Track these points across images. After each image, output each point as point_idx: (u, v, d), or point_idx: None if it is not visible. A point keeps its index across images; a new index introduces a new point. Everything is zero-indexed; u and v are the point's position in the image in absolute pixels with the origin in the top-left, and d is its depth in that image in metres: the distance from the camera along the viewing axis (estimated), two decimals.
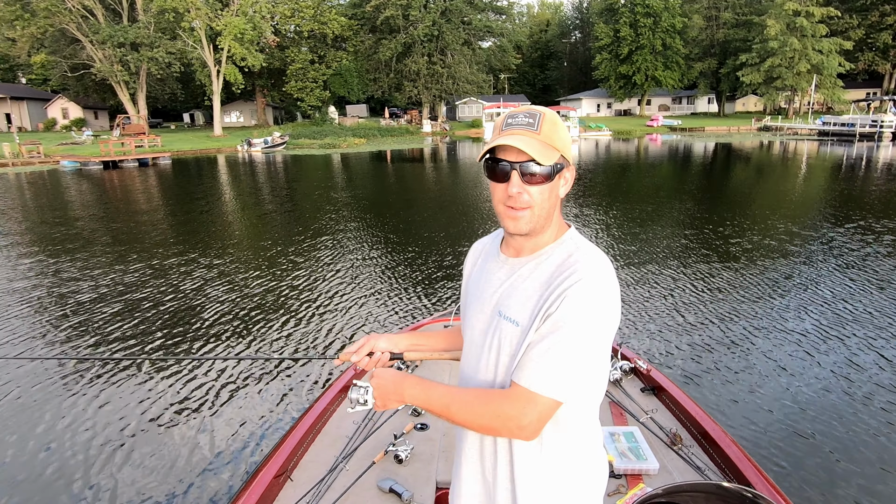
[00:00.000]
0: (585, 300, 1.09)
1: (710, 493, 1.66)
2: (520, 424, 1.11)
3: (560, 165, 1.17)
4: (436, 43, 52.45)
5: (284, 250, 9.80)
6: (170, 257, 9.35)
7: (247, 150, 38.75)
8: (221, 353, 5.52)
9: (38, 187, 21.45)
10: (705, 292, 6.94)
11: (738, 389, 4.52)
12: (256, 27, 43.26)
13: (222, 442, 4.01)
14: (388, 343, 1.48)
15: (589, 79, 69.81)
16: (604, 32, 56.97)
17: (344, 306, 6.81)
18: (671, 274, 7.74)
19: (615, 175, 21.17)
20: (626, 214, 12.45)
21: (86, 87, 51.32)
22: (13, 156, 31.00)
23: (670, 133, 49.49)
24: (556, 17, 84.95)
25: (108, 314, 6.64)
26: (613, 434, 2.59)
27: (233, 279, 8.02)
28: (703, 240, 9.70)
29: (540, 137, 1.15)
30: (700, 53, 57.20)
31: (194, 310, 6.76)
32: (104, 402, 4.61)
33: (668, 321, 6.02)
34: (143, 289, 7.63)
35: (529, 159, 1.13)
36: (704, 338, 5.56)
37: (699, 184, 18.23)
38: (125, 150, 32.41)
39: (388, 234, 10.99)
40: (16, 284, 8.01)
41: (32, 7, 40.31)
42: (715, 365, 4.97)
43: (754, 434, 3.90)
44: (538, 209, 1.17)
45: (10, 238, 11.46)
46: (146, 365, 5.25)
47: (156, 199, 17.84)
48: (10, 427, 4.26)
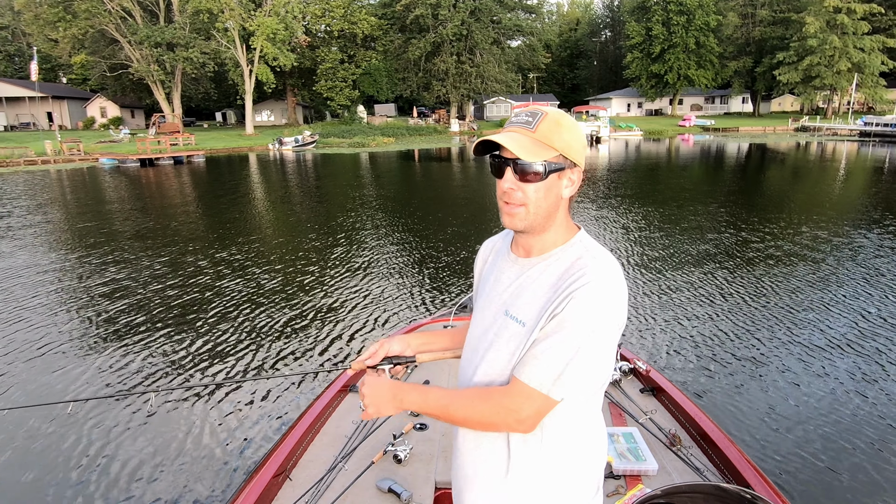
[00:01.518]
0: (592, 302, 1.09)
1: (708, 494, 1.65)
2: (518, 418, 1.13)
3: (558, 165, 1.17)
4: (465, 42, 52.39)
5: (307, 247, 9.95)
6: (200, 251, 9.56)
7: (278, 148, 39.31)
8: (232, 361, 5.39)
9: (80, 183, 22.12)
10: (721, 297, 6.82)
11: (740, 391, 4.52)
12: (288, 27, 43.81)
13: (221, 441, 4.02)
14: (401, 346, 1.48)
15: (619, 78, 68.89)
16: (635, 31, 56.12)
17: (359, 307, 6.83)
18: (689, 277, 7.62)
19: (642, 176, 20.84)
20: (650, 216, 12.23)
21: (123, 87, 52.75)
22: (55, 153, 32.04)
23: (703, 133, 48.52)
24: (587, 15, 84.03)
25: (126, 305, 6.82)
26: (612, 435, 2.59)
27: (252, 275, 8.17)
28: (727, 244, 9.47)
29: (534, 136, 1.15)
30: (735, 52, 55.85)
31: (206, 304, 6.91)
32: (102, 400, 4.63)
33: (681, 324, 5.96)
34: (164, 281, 7.81)
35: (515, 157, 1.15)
36: (711, 340, 5.54)
37: (729, 185, 17.82)
38: (161, 148, 33.18)
39: (410, 233, 11.07)
40: (46, 271, 8.29)
41: (74, 9, 41.54)
42: (719, 367, 4.96)
43: (753, 435, 3.90)
44: (533, 207, 1.17)
45: (57, 230, 11.86)
46: (147, 363, 5.31)
47: (192, 195, 18.24)
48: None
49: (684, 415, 2.78)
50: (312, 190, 19.15)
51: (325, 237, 10.86)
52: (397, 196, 16.85)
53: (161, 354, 5.51)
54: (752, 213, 12.44)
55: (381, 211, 13.90)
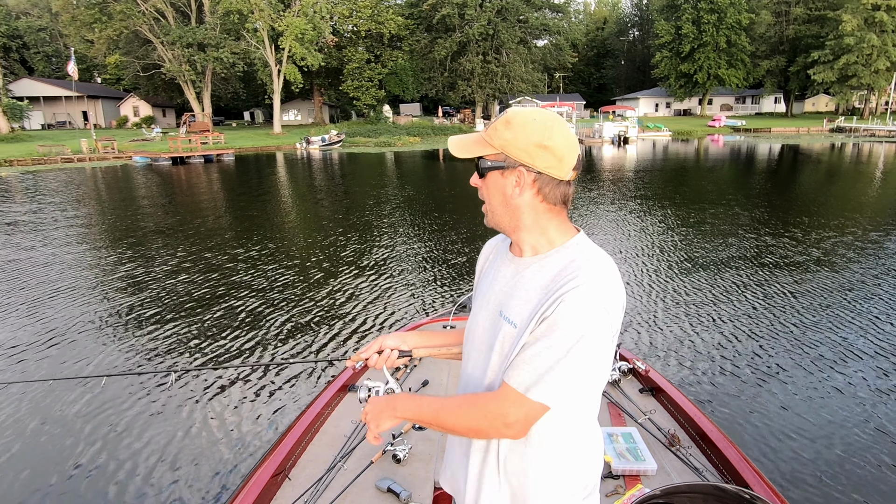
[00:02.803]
0: (581, 306, 1.07)
1: (707, 494, 1.64)
2: (506, 423, 1.12)
3: (496, 164, 1.16)
4: (491, 42, 52.26)
5: (324, 245, 10.07)
6: (224, 246, 9.72)
7: (305, 147, 39.75)
8: (236, 353, 5.50)
9: (115, 181, 22.68)
10: (738, 300, 6.69)
11: (746, 393, 4.50)
12: (316, 27, 44.24)
13: (220, 440, 4.01)
14: (397, 340, 1.50)
15: (647, 77, 67.95)
16: (664, 29, 55.25)
17: (364, 304, 6.91)
18: (706, 281, 7.48)
19: (668, 177, 20.50)
20: (671, 218, 12.01)
21: (155, 86, 53.97)
22: (90, 151, 32.91)
23: (733, 134, 47.59)
24: (614, 14, 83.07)
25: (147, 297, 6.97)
26: (611, 435, 2.58)
27: (268, 271, 8.27)
28: (750, 248, 9.22)
29: (483, 135, 1.19)
30: (767, 51, 54.62)
31: (219, 296, 7.06)
32: (103, 394, 4.69)
33: (695, 327, 5.88)
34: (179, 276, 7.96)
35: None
36: (724, 344, 5.48)
37: (757, 188, 17.42)
38: (192, 146, 33.82)
39: (426, 232, 11.16)
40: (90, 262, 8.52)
41: (109, 10, 42.62)
42: (728, 368, 4.93)
43: (753, 435, 3.89)
44: (488, 205, 1.22)
45: (96, 224, 12.19)
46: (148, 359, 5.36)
47: (222, 193, 18.56)
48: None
49: (683, 415, 2.76)
50: (337, 189, 19.32)
51: (343, 235, 10.96)
52: (418, 195, 16.91)
53: (174, 337, 5.64)
54: (778, 216, 12.13)
55: (400, 210, 13.97)
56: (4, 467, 3.73)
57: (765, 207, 13.33)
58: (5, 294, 7.49)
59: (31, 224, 12.66)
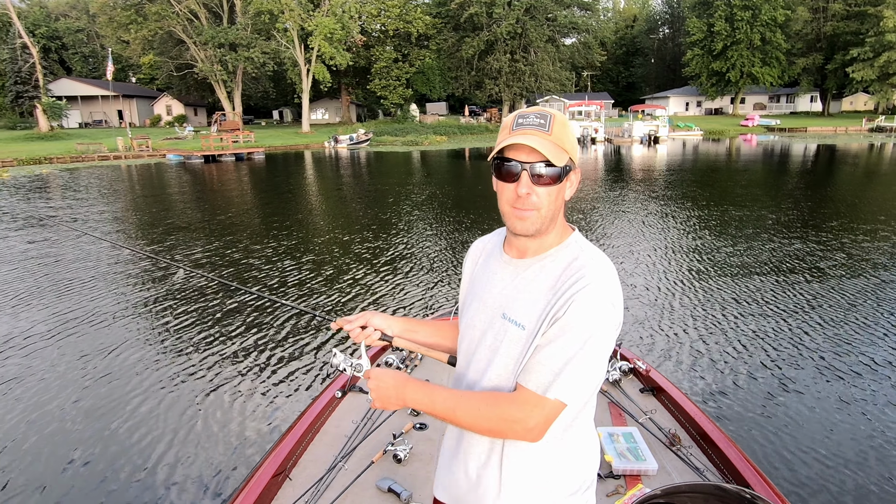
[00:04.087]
0: (593, 305, 1.09)
1: (708, 494, 1.64)
2: (526, 427, 1.12)
3: (569, 168, 1.17)
4: (519, 40, 51.97)
5: (343, 241, 10.22)
6: (246, 241, 9.86)
7: (333, 146, 40.12)
8: (237, 352, 5.52)
9: (151, 178, 23.20)
10: (757, 304, 6.53)
11: (743, 394, 4.50)
12: (345, 27, 44.59)
13: (220, 440, 3.99)
14: (383, 322, 1.47)
15: (677, 76, 66.83)
16: (696, 27, 54.22)
17: (375, 297, 7.03)
18: (724, 284, 7.28)
19: (697, 178, 20.06)
20: (693, 220, 11.71)
21: (187, 86, 55.07)
22: (126, 149, 33.73)
23: (767, 133, 46.50)
24: (644, 11, 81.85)
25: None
26: (612, 434, 2.58)
27: (286, 265, 8.35)
28: (772, 251, 8.94)
29: (551, 138, 1.15)
30: (804, 48, 53.20)
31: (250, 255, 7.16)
32: (103, 392, 4.73)
33: (709, 330, 5.78)
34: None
35: (542, 159, 1.13)
36: (730, 345, 5.45)
37: (787, 188, 16.93)
38: (223, 145, 34.42)
39: (444, 230, 11.21)
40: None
41: (145, 11, 43.63)
42: (732, 371, 4.91)
43: (753, 435, 3.89)
44: (545, 211, 1.17)
45: (135, 218, 12.49)
46: (141, 354, 5.44)
47: (253, 190, 18.84)
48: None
49: (684, 415, 2.76)
50: (364, 187, 19.45)
51: (361, 232, 11.05)
52: (442, 194, 16.91)
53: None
54: (806, 218, 11.74)
55: (421, 208, 14.00)
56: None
57: (793, 209, 12.94)
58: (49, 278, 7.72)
59: (71, 219, 13.04)
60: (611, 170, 23.68)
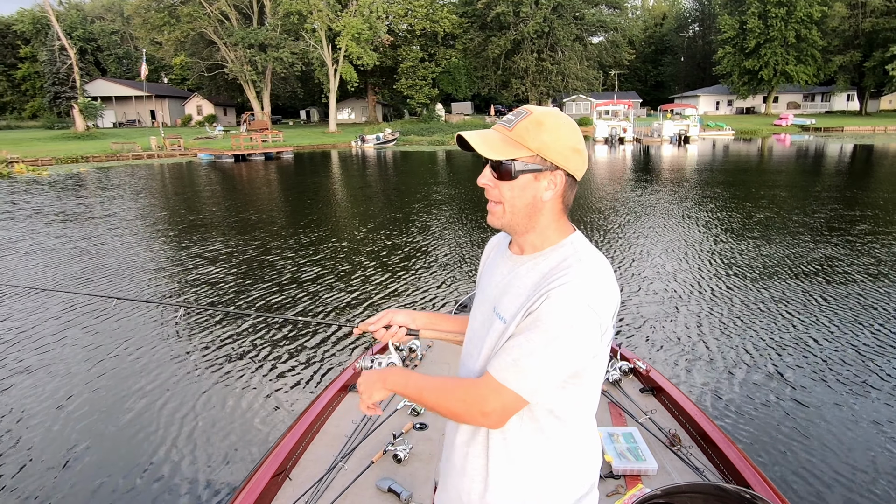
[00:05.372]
0: (567, 303, 1.07)
1: (708, 494, 1.64)
2: (483, 410, 1.12)
3: (532, 167, 1.15)
4: (546, 39, 51.65)
5: (361, 238, 10.24)
6: (266, 237, 9.94)
7: (360, 145, 40.40)
8: (238, 351, 5.50)
9: (183, 176, 23.65)
10: (772, 308, 6.34)
11: (744, 394, 4.50)
12: (372, 27, 44.88)
13: (221, 440, 3.98)
14: (406, 318, 1.51)
15: (707, 74, 65.63)
16: (728, 24, 53.12)
17: (385, 295, 7.05)
18: (741, 286, 7.05)
19: (729, 178, 19.62)
20: (714, 222, 11.40)
21: (217, 86, 56.07)
22: (159, 148, 34.46)
23: (801, 133, 45.36)
24: (674, 9, 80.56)
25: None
26: (612, 434, 2.59)
27: (303, 261, 8.37)
28: (795, 255, 8.60)
29: (510, 134, 1.15)
30: (841, 45, 51.70)
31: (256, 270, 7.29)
32: (106, 380, 4.76)
33: (726, 333, 5.62)
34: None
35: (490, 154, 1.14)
36: (724, 343, 5.42)
37: (818, 189, 16.33)
38: (253, 144, 34.90)
39: (461, 230, 11.15)
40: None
41: (178, 13, 44.53)
42: (725, 370, 4.90)
43: (753, 435, 3.89)
44: (508, 206, 1.18)
45: (170, 215, 12.74)
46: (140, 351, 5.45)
47: (283, 188, 19.06)
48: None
49: (684, 415, 2.76)
50: (389, 186, 19.51)
51: (379, 230, 11.07)
52: (465, 193, 16.86)
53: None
54: (835, 222, 11.22)
55: (440, 207, 13.94)
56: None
57: (822, 211, 12.44)
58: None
59: (106, 216, 13.34)
60: (639, 170, 23.35)
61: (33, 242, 10.59)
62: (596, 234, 10.51)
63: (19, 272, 8.53)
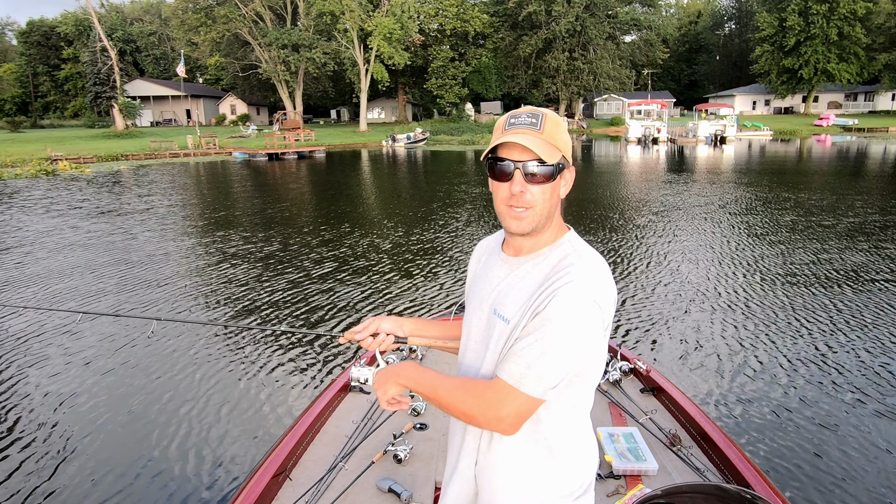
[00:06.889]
0: (574, 301, 1.09)
1: (709, 495, 1.64)
2: (498, 416, 1.12)
3: (562, 165, 1.18)
4: (578, 38, 51.11)
5: (380, 237, 10.18)
6: (289, 235, 10.03)
7: (391, 145, 40.63)
8: (239, 350, 5.50)
9: (219, 174, 24.10)
10: (799, 315, 6.15)
11: (743, 393, 4.49)
12: (404, 27, 45.07)
13: (221, 440, 3.97)
14: (393, 326, 1.49)
15: (743, 73, 64.14)
16: (766, 22, 51.76)
17: (378, 300, 6.94)
18: (766, 291, 6.76)
19: (767, 180, 19.09)
20: (732, 226, 11.05)
21: (251, 86, 57.01)
22: (195, 147, 35.22)
23: (843, 134, 43.96)
24: (709, 7, 78.90)
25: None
26: (613, 435, 2.59)
27: (320, 258, 8.39)
28: (822, 261, 8.30)
29: (543, 136, 1.16)
30: (886, 43, 49.83)
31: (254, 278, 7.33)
32: (102, 389, 4.74)
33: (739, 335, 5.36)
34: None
35: (533, 158, 1.14)
36: (730, 346, 5.22)
37: (854, 191, 15.68)
38: (286, 143, 35.40)
39: (477, 230, 11.05)
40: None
41: (214, 14, 45.43)
42: (727, 371, 4.87)
43: (754, 435, 3.87)
44: (540, 209, 1.18)
45: (207, 212, 13.00)
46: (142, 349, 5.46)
47: (314, 187, 19.27)
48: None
49: (684, 415, 2.76)
50: (419, 185, 19.57)
51: (397, 229, 11.09)
52: (488, 193, 16.76)
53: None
54: (867, 227, 10.72)
55: (460, 206, 13.86)
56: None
57: (855, 215, 11.96)
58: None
59: (150, 211, 13.68)
60: (673, 170, 22.88)
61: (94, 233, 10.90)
62: (614, 234, 10.43)
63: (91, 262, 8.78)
